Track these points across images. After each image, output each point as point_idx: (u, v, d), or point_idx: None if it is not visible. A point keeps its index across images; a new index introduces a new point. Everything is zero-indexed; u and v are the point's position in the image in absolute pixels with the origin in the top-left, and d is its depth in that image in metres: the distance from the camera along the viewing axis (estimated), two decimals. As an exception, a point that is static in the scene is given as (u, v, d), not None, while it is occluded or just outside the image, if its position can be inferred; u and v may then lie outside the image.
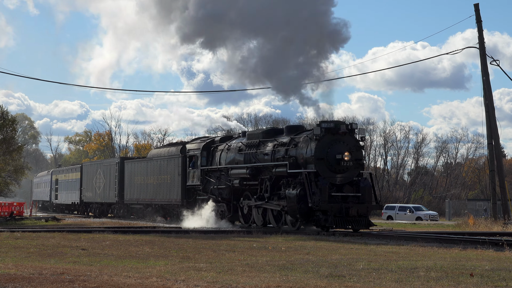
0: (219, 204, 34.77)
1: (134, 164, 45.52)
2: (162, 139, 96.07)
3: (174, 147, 41.15)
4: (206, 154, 36.54)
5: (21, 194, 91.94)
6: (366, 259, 16.80)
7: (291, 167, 29.39)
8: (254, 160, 32.45)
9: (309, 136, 29.43)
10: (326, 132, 28.72)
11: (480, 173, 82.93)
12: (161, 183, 40.92)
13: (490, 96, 37.77)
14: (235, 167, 33.63)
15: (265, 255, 18.13)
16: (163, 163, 40.93)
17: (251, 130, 36.44)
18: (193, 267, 14.77)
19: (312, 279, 12.76)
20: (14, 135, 49.40)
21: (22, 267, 14.15)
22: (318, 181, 28.09)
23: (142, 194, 43.82)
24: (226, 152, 34.98)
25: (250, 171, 32.21)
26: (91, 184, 53.70)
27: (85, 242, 22.10)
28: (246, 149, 33.35)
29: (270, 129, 34.09)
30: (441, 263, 15.69)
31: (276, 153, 31.03)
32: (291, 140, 30.46)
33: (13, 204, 47.80)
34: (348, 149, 28.79)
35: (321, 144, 28.67)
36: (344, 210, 27.87)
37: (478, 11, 38.11)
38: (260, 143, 32.57)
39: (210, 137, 38.81)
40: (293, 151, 29.98)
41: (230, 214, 34.20)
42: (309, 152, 28.93)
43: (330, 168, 28.60)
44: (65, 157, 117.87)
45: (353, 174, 29.03)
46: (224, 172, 34.66)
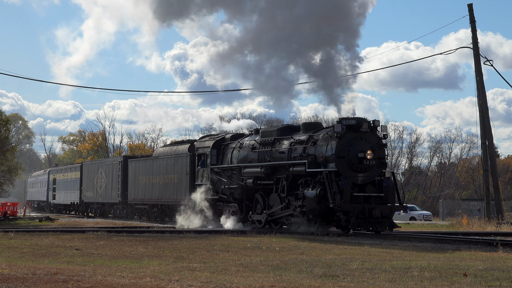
0: (231, 204, 33.61)
1: (139, 163, 44.24)
2: (156, 138, 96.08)
3: (182, 145, 39.75)
4: (216, 153, 35.06)
5: (15, 194, 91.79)
6: (360, 259, 16.82)
7: (310, 166, 28.13)
8: (269, 158, 31.20)
9: (329, 134, 28.23)
10: (347, 129, 27.63)
11: (474, 173, 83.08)
12: (168, 183, 39.67)
13: (483, 96, 37.83)
14: (249, 165, 32.21)
15: (259, 255, 18.13)
16: (170, 162, 39.63)
17: (265, 127, 34.43)
18: (187, 267, 14.76)
19: (306, 279, 12.77)
20: (8, 135, 49.26)
21: (16, 267, 14.13)
22: (339, 181, 27.02)
23: (147, 194, 42.59)
24: (238, 150, 33.55)
25: (265, 170, 30.96)
26: (92, 184, 52.46)
27: (79, 242, 22.08)
28: (260, 147, 32.01)
29: (285, 126, 32.72)
30: (434, 263, 15.72)
31: (293, 151, 29.81)
32: (309, 137, 29.26)
33: (6, 204, 47.68)
34: (371, 147, 27.74)
35: (342, 142, 27.55)
36: (367, 211, 26.73)
37: (472, 11, 38.16)
38: (275, 140, 31.24)
39: (219, 135, 37.15)
40: (311, 149, 28.76)
41: (243, 215, 32.78)
42: (330, 150, 27.77)
43: (352, 167, 27.53)
44: (59, 157, 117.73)
45: (376, 173, 28.03)
46: (236, 171, 33.26)
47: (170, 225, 35.79)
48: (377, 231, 26.82)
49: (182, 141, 43.04)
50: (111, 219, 47.08)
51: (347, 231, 27.15)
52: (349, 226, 26.69)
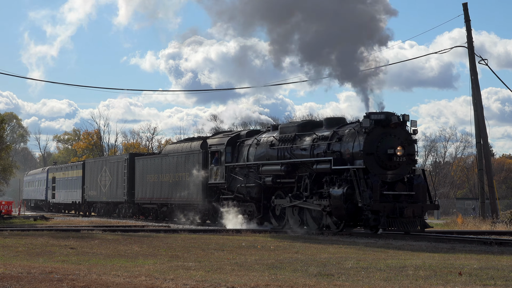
0: (247, 203, 32.29)
1: (147, 161, 42.51)
2: (151, 137, 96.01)
3: (193, 142, 38.07)
4: (231, 150, 33.59)
5: (9, 193, 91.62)
6: (355, 258, 16.83)
7: (336, 163, 26.81)
8: (289, 155, 29.76)
9: (356, 129, 26.91)
10: (375, 124, 26.29)
11: (469, 172, 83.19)
12: (179, 181, 37.98)
13: (478, 95, 37.87)
14: (267, 163, 30.78)
15: (254, 254, 18.13)
16: (180, 159, 38.01)
17: (284, 123, 32.65)
18: (182, 266, 14.75)
19: (301, 278, 12.77)
20: (3, 134, 49.18)
21: (11, 266, 14.10)
22: (368, 178, 25.77)
23: (155, 192, 40.80)
24: (255, 147, 32.09)
25: (286, 167, 29.54)
26: (95, 182, 50.69)
27: (73, 241, 22.06)
28: (279, 143, 30.57)
29: (306, 121, 31.29)
30: (429, 261, 15.74)
31: (316, 147, 28.41)
32: (334, 133, 27.88)
33: (1, 203, 47.66)
34: (400, 143, 26.40)
35: (370, 137, 26.24)
36: (398, 210, 25.38)
37: (467, 10, 38.18)
38: (295, 137, 29.81)
39: (234, 132, 36.05)
40: (336, 146, 27.43)
41: (260, 215, 31.57)
42: (357, 147, 26.47)
43: (381, 164, 26.24)
44: (53, 156, 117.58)
45: (406, 170, 26.77)
46: (253, 169, 31.82)
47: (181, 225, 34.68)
48: (408, 232, 25.66)
49: (193, 138, 41.71)
50: (115, 218, 45.80)
51: (376, 231, 26.27)
52: (379, 226, 25.53)
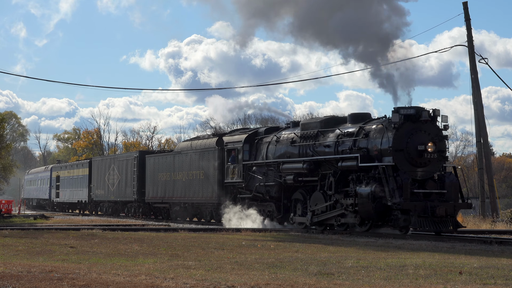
0: (266, 203, 31.23)
1: (158, 159, 41.17)
2: (151, 136, 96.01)
3: (208, 139, 36.76)
4: (249, 148, 32.41)
5: (9, 192, 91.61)
6: (355, 257, 16.82)
7: (363, 160, 25.76)
8: (312, 153, 28.64)
9: (384, 125, 25.82)
10: (405, 119, 25.28)
11: (469, 171, 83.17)
12: (192, 180, 36.72)
13: (478, 94, 37.87)
14: (288, 161, 29.68)
15: (254, 253, 18.12)
16: (194, 157, 36.70)
17: (306, 119, 31.57)
18: (182, 265, 14.75)
19: (301, 277, 12.77)
20: (3, 133, 49.17)
21: (11, 265, 14.10)
22: (397, 176, 24.71)
23: (167, 191, 39.50)
24: (274, 145, 30.99)
25: (308, 165, 28.40)
26: (102, 181, 49.40)
27: (73, 240, 22.06)
28: (300, 140, 29.49)
29: (329, 117, 29.80)
30: (429, 261, 15.73)
31: (341, 144, 27.39)
32: (360, 129, 26.83)
33: (1, 201, 47.66)
34: (431, 139, 25.33)
35: (400, 133, 25.18)
36: (429, 210, 24.28)
37: (467, 9, 38.17)
38: (318, 133, 28.72)
39: (251, 129, 34.97)
40: (363, 142, 26.37)
41: (280, 215, 30.53)
42: (385, 143, 25.42)
43: (410, 161, 25.20)
44: (53, 155, 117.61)
45: (436, 168, 25.70)
46: (273, 167, 30.67)
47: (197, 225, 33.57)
48: (440, 232, 24.78)
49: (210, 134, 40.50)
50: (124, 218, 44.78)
51: (405, 232, 25.40)
52: (410, 226, 24.67)
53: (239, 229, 27.59)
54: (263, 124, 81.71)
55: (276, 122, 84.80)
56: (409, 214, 24.38)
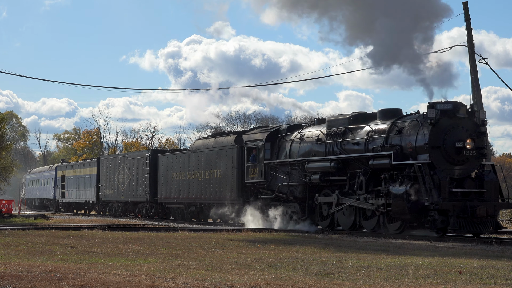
0: (289, 204, 30.11)
1: (172, 157, 39.64)
2: (151, 136, 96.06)
3: (226, 137, 35.61)
4: (270, 146, 31.20)
5: (9, 192, 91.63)
6: (355, 257, 16.82)
7: (396, 158, 24.56)
8: (339, 151, 27.51)
9: (419, 120, 24.61)
10: (441, 114, 24.12)
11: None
12: (209, 179, 35.40)
13: (478, 94, 37.84)
14: (314, 159, 28.52)
15: (254, 252, 18.12)
16: (211, 155, 35.30)
17: (333, 116, 30.05)
18: (182, 264, 14.76)
19: (301, 277, 12.77)
20: (3, 133, 49.18)
21: (11, 265, 14.10)
22: (434, 175, 23.56)
23: (182, 191, 38.09)
24: (298, 143, 29.79)
25: (336, 164, 27.35)
26: (111, 181, 47.72)
27: (74, 240, 22.06)
28: (327, 138, 28.30)
29: (358, 114, 28.31)
30: (430, 260, 15.73)
31: (371, 142, 26.22)
32: (392, 125, 25.68)
33: (1, 201, 47.69)
34: (469, 135, 24.24)
35: (436, 129, 24.03)
36: (469, 210, 23.07)
37: (467, 10, 38.11)
38: (346, 130, 27.59)
39: (273, 126, 33.68)
40: (396, 139, 25.21)
41: (305, 216, 29.27)
42: (421, 140, 24.22)
43: (448, 158, 24.06)
44: (53, 155, 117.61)
45: (474, 165, 24.57)
46: (297, 166, 29.50)
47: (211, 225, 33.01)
48: (479, 234, 23.79)
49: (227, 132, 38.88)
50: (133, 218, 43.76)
51: (443, 234, 24.28)
52: (448, 227, 23.52)
53: (239, 229, 27.58)
54: (263, 124, 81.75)
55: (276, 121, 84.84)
56: (447, 215, 23.22)
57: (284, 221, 30.08)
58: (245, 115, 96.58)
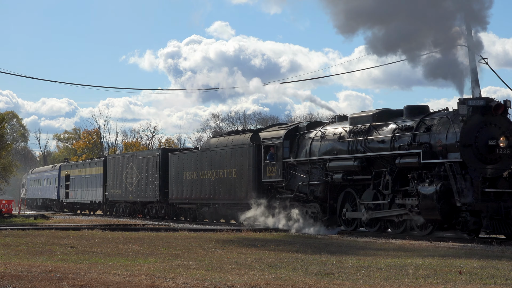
0: (309, 204, 29.06)
1: (183, 156, 38.63)
2: (151, 136, 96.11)
3: (241, 135, 34.38)
4: (289, 144, 30.21)
5: (9, 192, 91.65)
6: (355, 257, 16.82)
7: (426, 157, 23.57)
8: (363, 149, 26.50)
9: (450, 117, 23.66)
10: (473, 111, 23.09)
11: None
12: (223, 179, 34.34)
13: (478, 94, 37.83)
14: (337, 158, 27.57)
15: (254, 253, 18.12)
16: (225, 154, 34.26)
17: (356, 113, 28.56)
18: (182, 265, 14.76)
19: (301, 277, 12.77)
20: (3, 133, 49.22)
21: (11, 265, 14.10)
22: (466, 174, 22.56)
23: (194, 191, 36.95)
24: (319, 141, 28.79)
25: (360, 162, 26.36)
26: (119, 180, 46.51)
27: (73, 240, 22.07)
28: (350, 136, 27.32)
29: (383, 110, 27.27)
30: (430, 260, 15.73)
31: (397, 139, 25.17)
32: (420, 122, 24.67)
33: (1, 201, 47.71)
34: (502, 133, 23.23)
35: (468, 126, 23.02)
36: (503, 211, 22.14)
37: (467, 10, 38.12)
38: (370, 128, 26.55)
39: (291, 124, 32.64)
40: (424, 137, 24.17)
41: (326, 216, 28.20)
42: (451, 137, 23.20)
43: (480, 157, 23.06)
44: (53, 155, 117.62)
45: (507, 165, 23.47)
46: (318, 165, 28.52)
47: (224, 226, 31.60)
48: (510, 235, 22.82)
49: (238, 130, 38.44)
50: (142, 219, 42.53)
51: (475, 236, 23.15)
52: (482, 229, 22.47)
53: (239, 229, 27.59)
54: (263, 124, 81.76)
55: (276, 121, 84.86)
56: (480, 216, 22.20)
57: (305, 221, 29.03)
58: (245, 115, 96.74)
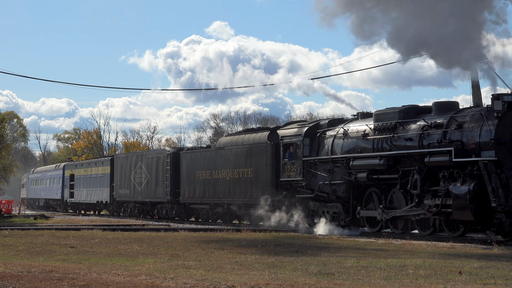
0: (331, 204, 28.19)
1: (195, 155, 37.75)
2: (151, 136, 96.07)
3: (258, 133, 33.52)
4: (309, 142, 29.26)
5: (9, 192, 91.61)
6: (355, 257, 16.82)
7: (458, 155, 22.57)
8: (389, 147, 25.48)
9: (483, 113, 22.62)
10: (508, 107, 22.09)
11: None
12: (239, 178, 33.46)
13: (478, 94, 37.85)
14: (361, 156, 26.63)
15: (254, 253, 18.11)
16: (241, 152, 33.46)
17: (381, 110, 27.25)
18: (182, 265, 14.75)
19: (301, 277, 12.77)
20: (3, 133, 49.23)
21: (11, 265, 14.10)
22: (502, 173, 21.61)
23: (207, 191, 36.04)
24: (342, 138, 27.83)
25: (386, 161, 25.34)
26: (127, 180, 45.35)
27: (74, 240, 22.06)
28: (374, 133, 26.34)
29: (410, 107, 26.13)
30: (430, 261, 15.73)
31: (426, 137, 24.15)
32: (451, 119, 23.63)
33: (1, 201, 47.72)
34: None
35: (503, 123, 22.02)
36: None
37: (467, 10, 38.11)
38: (397, 125, 25.49)
39: (311, 121, 31.55)
40: (456, 134, 23.17)
41: (349, 217, 27.34)
42: (485, 135, 22.20)
43: None
44: (53, 155, 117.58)
45: None
46: (341, 163, 27.62)
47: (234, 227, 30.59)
48: None
49: (253, 128, 37.58)
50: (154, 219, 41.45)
51: (511, 238, 22.28)
52: None
53: (239, 229, 27.58)
54: (263, 124, 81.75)
55: (276, 121, 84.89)
56: None
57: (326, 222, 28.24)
58: (245, 115, 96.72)
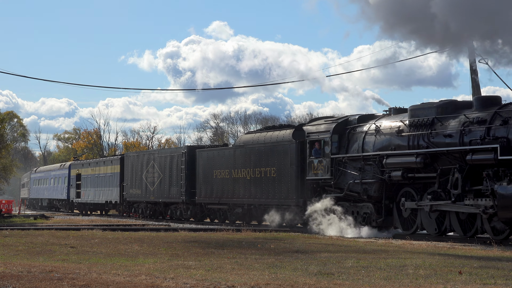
0: (361, 204, 27.02)
1: (213, 154, 36.39)
2: (151, 136, 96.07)
3: (281, 130, 32.28)
4: (337, 138, 28.11)
5: (9, 192, 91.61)
6: (355, 257, 16.81)
7: (504, 152, 21.30)
8: (426, 144, 24.18)
9: None
10: None
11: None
12: (261, 178, 32.25)
13: (478, 94, 37.86)
14: (395, 154, 25.30)
15: (254, 253, 18.11)
16: (263, 151, 32.25)
17: (417, 105, 25.73)
18: (182, 265, 14.75)
19: (301, 277, 12.76)
20: (3, 133, 49.24)
21: (11, 265, 14.10)
22: None
23: (226, 191, 34.82)
24: (373, 135, 26.59)
25: (423, 159, 24.07)
26: (138, 179, 44.04)
27: (74, 240, 22.06)
28: (410, 130, 25.07)
29: (448, 102, 24.87)
30: (429, 261, 15.73)
31: (467, 133, 22.86)
32: (495, 115, 22.32)
33: (1, 201, 47.74)
34: None
35: None
36: None
37: (467, 10, 38.12)
38: (434, 121, 24.23)
39: (339, 117, 30.21)
40: (501, 131, 21.86)
41: (381, 218, 26.13)
42: None
43: None
44: (53, 155, 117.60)
45: None
46: (373, 161, 26.40)
47: None
48: None
49: (275, 126, 36.20)
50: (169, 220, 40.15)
51: None
52: None
53: (239, 229, 27.60)
54: (264, 124, 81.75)
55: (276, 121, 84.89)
56: None
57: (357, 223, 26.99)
58: (245, 115, 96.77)
